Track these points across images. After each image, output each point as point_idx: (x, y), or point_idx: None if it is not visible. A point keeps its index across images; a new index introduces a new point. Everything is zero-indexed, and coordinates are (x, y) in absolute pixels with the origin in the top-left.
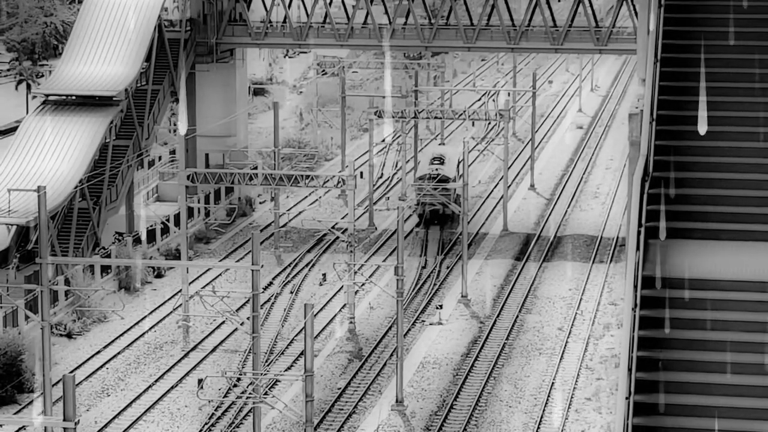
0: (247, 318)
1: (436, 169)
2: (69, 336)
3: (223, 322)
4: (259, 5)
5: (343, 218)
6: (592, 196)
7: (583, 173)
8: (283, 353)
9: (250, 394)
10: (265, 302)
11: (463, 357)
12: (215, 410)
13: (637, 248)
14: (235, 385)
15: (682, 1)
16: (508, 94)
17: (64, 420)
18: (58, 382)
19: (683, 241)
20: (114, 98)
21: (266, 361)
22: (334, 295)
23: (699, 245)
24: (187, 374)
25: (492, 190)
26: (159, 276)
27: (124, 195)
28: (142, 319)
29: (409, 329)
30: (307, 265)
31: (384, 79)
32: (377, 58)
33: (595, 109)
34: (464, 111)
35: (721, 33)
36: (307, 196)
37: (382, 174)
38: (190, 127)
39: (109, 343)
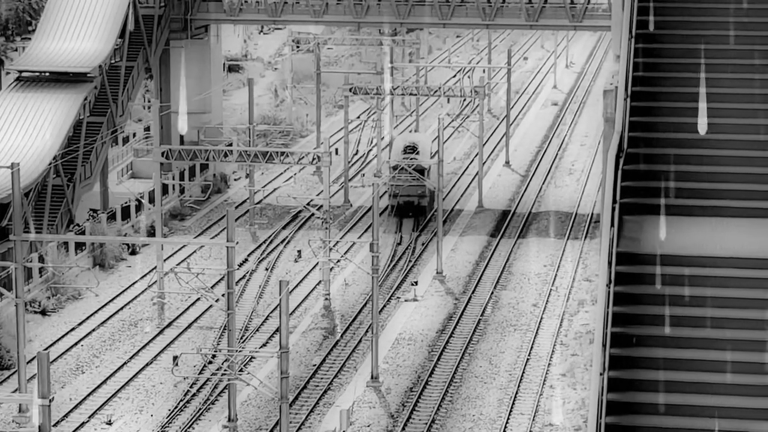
0: (222, 295)
1: (411, 159)
2: (43, 313)
3: (198, 299)
4: None
5: (318, 195)
6: (567, 172)
7: (558, 150)
8: (258, 330)
9: (225, 370)
10: (240, 279)
11: (438, 333)
12: (190, 387)
13: (612, 224)
14: (210, 362)
15: None
16: (483, 71)
17: (39, 397)
18: (32, 359)
19: (658, 217)
20: (88, 75)
21: (241, 338)
22: (310, 271)
23: (674, 221)
24: (162, 351)
25: (467, 167)
26: (133, 253)
27: (99, 172)
28: (117, 296)
29: (385, 306)
30: (282, 241)
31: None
32: (352, 34)
33: (570, 85)
34: (439, 87)
35: (698, 8)
36: (282, 173)
37: (357, 151)
38: (164, 103)
39: (84, 320)
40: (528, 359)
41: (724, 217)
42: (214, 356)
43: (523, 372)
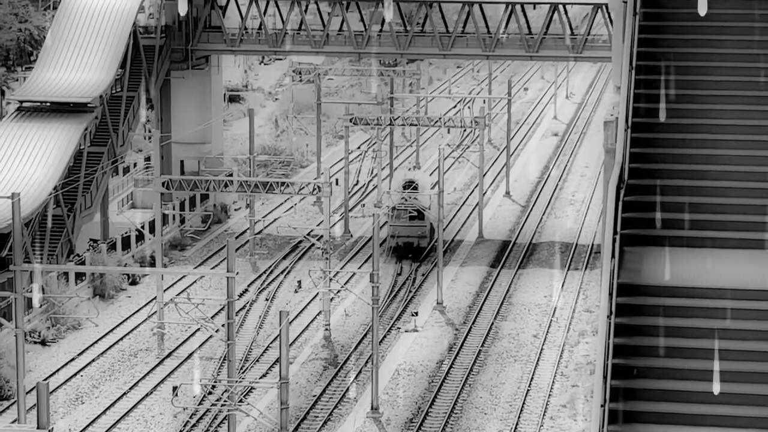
0: (222, 325)
1: (408, 200)
2: (43, 343)
3: (198, 329)
4: (235, 12)
5: (318, 225)
6: (567, 203)
7: (558, 180)
8: (258, 360)
9: (224, 401)
10: (241, 309)
11: (438, 364)
12: (190, 418)
13: (613, 255)
14: (209, 393)
15: (658, 9)
16: (484, 101)
17: (38, 428)
18: (32, 389)
19: (658, 248)
20: (89, 105)
21: (241, 369)
22: (310, 302)
23: (674, 253)
24: (161, 381)
25: (467, 197)
26: (134, 283)
27: (99, 202)
28: (117, 326)
29: (385, 336)
30: (282, 272)
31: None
32: (353, 65)
33: (570, 116)
34: (440, 118)
35: (697, 40)
36: (282, 203)
37: (357, 181)
38: (165, 134)
39: (84, 351)
40: (528, 390)
41: (726, 248)
42: (213, 387)
43: (524, 403)
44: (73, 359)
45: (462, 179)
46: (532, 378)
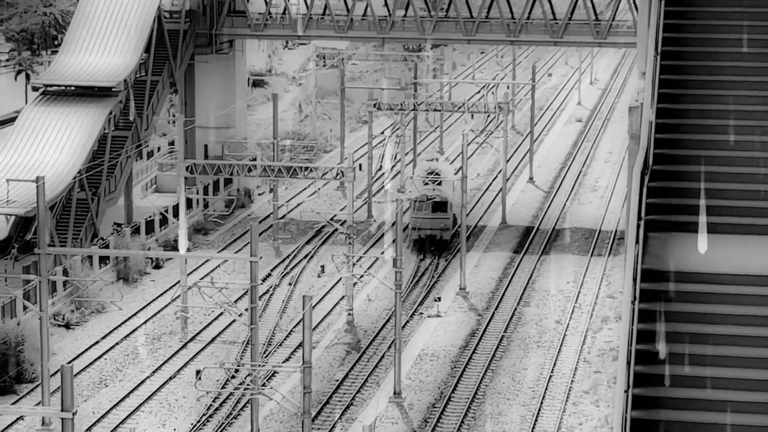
0: (246, 309)
1: (433, 189)
2: (67, 326)
3: (222, 314)
4: None
5: (341, 210)
6: (591, 189)
7: (582, 166)
8: (281, 345)
9: (247, 385)
10: (264, 294)
11: (461, 349)
12: (213, 401)
13: (637, 241)
14: (233, 377)
15: None
16: (508, 87)
17: (62, 410)
18: (56, 372)
19: (683, 234)
20: (113, 89)
21: (264, 353)
22: (333, 286)
23: (698, 238)
24: (185, 365)
25: (491, 183)
26: (157, 267)
27: (123, 186)
28: (141, 310)
29: (408, 321)
30: (305, 256)
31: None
32: (377, 50)
33: (595, 102)
34: (463, 103)
35: (724, 26)
36: (305, 188)
37: (381, 166)
38: (189, 118)
39: (108, 334)
40: (551, 376)
41: (749, 234)
42: (237, 371)
43: (546, 389)
44: (96, 342)
45: (485, 165)
46: (554, 364)
